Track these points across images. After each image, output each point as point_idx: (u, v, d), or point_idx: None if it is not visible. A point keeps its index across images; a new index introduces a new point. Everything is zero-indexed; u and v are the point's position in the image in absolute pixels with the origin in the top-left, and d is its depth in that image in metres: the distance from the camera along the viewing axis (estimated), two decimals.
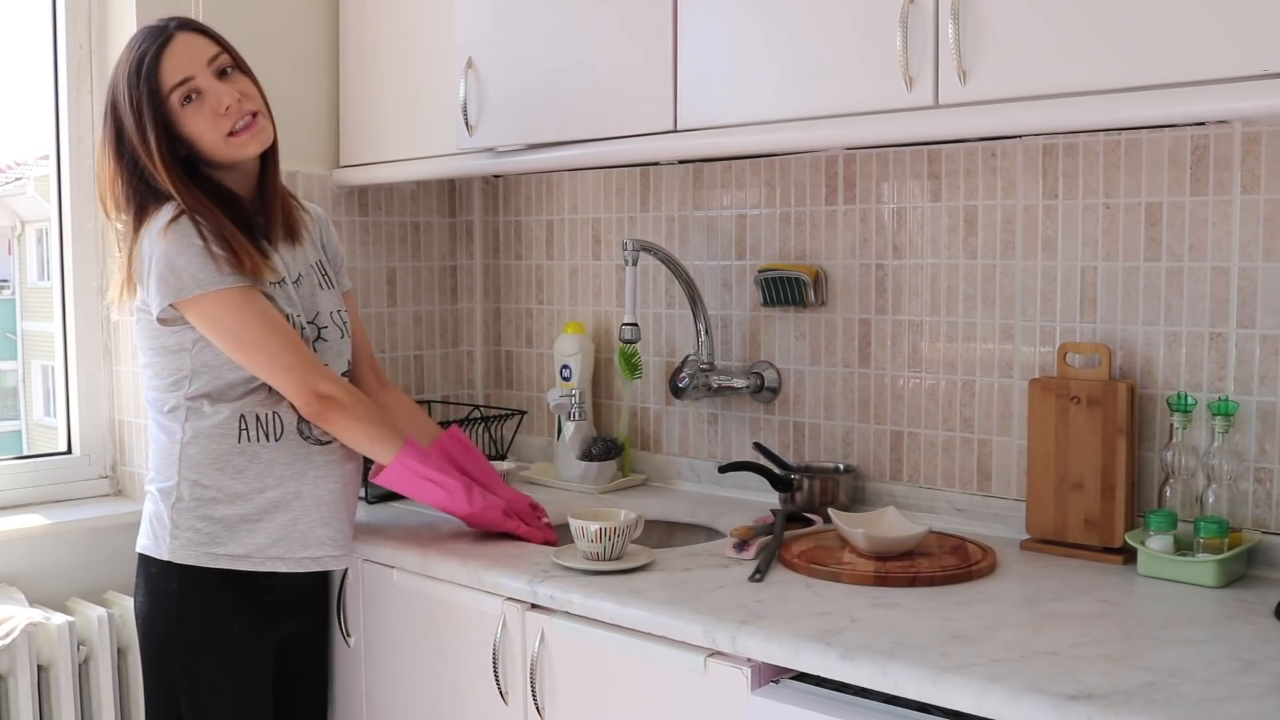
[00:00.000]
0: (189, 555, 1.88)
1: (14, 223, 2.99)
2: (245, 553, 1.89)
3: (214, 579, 1.89)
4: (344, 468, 1.98)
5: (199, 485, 1.88)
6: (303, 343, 1.90)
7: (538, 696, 1.85)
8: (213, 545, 1.88)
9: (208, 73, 1.87)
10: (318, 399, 1.85)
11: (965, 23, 1.68)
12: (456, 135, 2.36)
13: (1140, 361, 1.95)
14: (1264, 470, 1.84)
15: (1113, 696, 1.32)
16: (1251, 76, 1.46)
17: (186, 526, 1.88)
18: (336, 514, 1.97)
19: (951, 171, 2.14)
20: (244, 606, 1.93)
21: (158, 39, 1.86)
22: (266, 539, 1.90)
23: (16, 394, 2.84)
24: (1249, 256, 1.83)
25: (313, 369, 1.87)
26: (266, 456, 1.90)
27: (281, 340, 1.85)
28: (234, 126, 1.87)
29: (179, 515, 1.88)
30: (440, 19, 2.42)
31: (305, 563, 1.94)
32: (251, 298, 1.84)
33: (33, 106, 2.51)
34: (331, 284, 2.05)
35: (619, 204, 2.66)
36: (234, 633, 1.93)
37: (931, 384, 2.19)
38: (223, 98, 1.86)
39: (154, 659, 1.94)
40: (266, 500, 1.90)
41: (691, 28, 2.01)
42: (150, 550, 1.91)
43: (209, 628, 1.91)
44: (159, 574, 1.90)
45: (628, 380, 2.57)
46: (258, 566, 1.90)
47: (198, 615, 1.90)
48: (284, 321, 1.88)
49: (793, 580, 1.81)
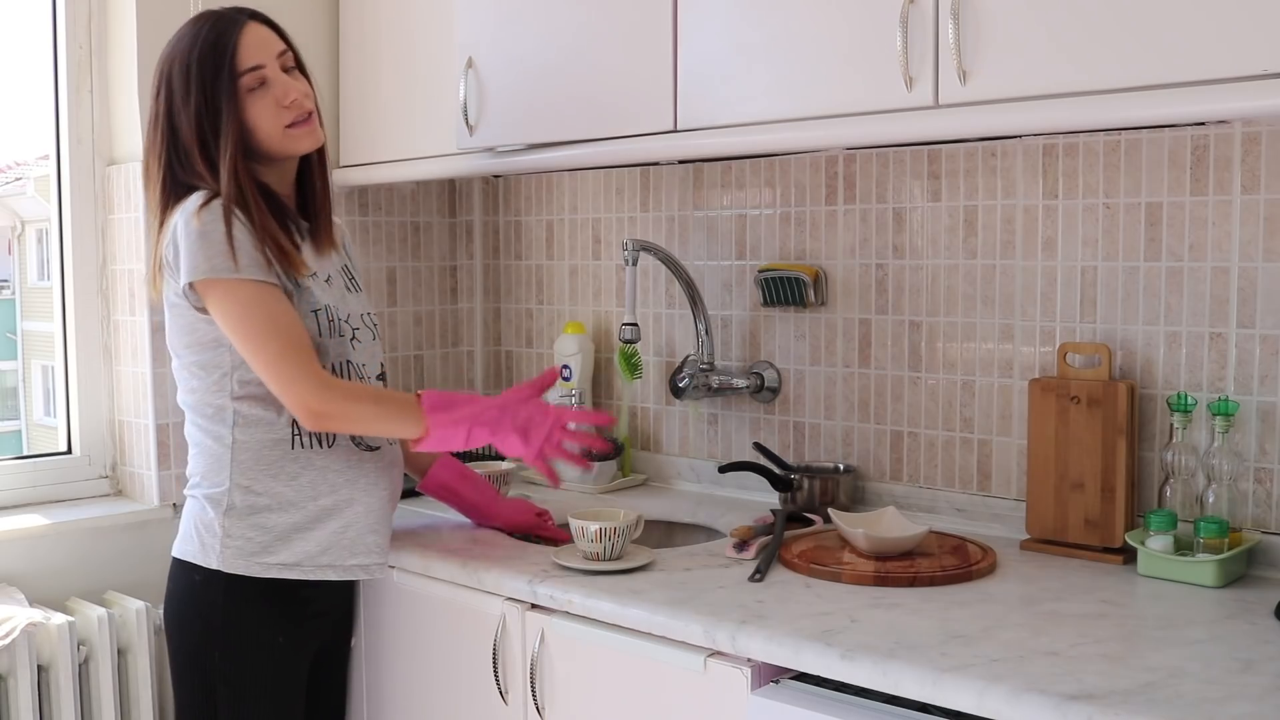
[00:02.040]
0: (240, 565, 1.83)
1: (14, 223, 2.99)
2: (296, 561, 1.85)
3: (262, 589, 1.85)
4: (392, 474, 1.96)
5: (252, 492, 1.84)
6: (305, 350, 1.81)
7: (538, 696, 1.85)
8: (265, 554, 1.84)
9: (275, 65, 1.87)
10: (311, 415, 1.79)
11: (965, 23, 1.68)
12: (456, 135, 2.36)
13: (1140, 361, 1.95)
14: (1264, 470, 1.84)
15: (1113, 696, 1.32)
16: (1251, 76, 1.47)
17: (239, 535, 1.83)
18: (384, 521, 1.94)
19: (951, 171, 2.14)
20: (288, 618, 1.89)
21: (234, 23, 1.86)
22: (317, 547, 1.86)
23: (16, 394, 2.84)
24: (1249, 256, 1.83)
25: (308, 380, 1.79)
26: (320, 463, 1.86)
27: (280, 345, 1.79)
28: (294, 119, 1.87)
29: (231, 523, 1.83)
30: (440, 19, 2.42)
31: (355, 570, 1.90)
32: (265, 295, 1.79)
33: (33, 106, 2.50)
34: (359, 288, 2.02)
35: (619, 204, 2.66)
36: (279, 645, 1.89)
37: (931, 384, 2.19)
38: (289, 90, 1.86)
39: (193, 668, 1.89)
40: (319, 507, 1.86)
41: (691, 27, 2.01)
42: (196, 558, 1.86)
43: (254, 638, 1.87)
44: (204, 582, 1.85)
45: (628, 380, 2.57)
46: (308, 575, 1.86)
47: (244, 626, 1.86)
48: (294, 326, 1.81)
49: (793, 580, 1.81)
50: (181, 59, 1.85)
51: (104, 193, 2.49)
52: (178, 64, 1.85)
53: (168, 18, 2.42)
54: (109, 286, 2.50)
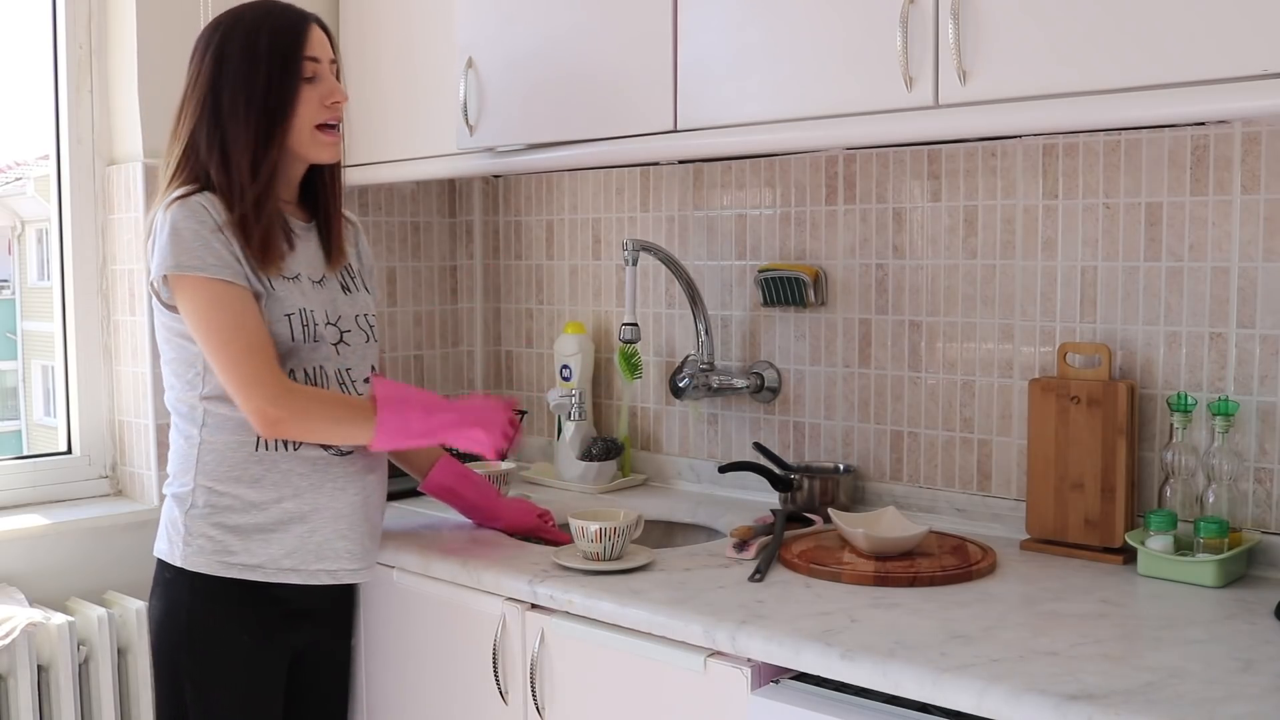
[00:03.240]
0: (202, 563, 1.84)
1: (14, 223, 2.99)
2: (258, 563, 1.85)
3: (227, 587, 1.85)
4: (365, 479, 1.93)
5: (214, 492, 1.85)
6: (266, 355, 1.80)
7: (538, 696, 1.85)
8: (226, 554, 1.84)
9: (328, 66, 1.90)
10: (266, 420, 1.78)
11: (965, 23, 1.68)
12: (457, 135, 2.36)
13: (1140, 361, 1.95)
14: (1264, 470, 1.84)
15: (1113, 696, 1.32)
16: (1251, 76, 1.46)
17: (200, 534, 1.84)
18: (356, 526, 1.92)
19: (951, 171, 2.14)
20: (255, 617, 1.89)
21: (303, 17, 1.88)
22: (281, 550, 1.86)
23: (16, 394, 2.84)
24: (1249, 256, 1.83)
25: (265, 386, 1.78)
26: (284, 466, 1.86)
27: (241, 348, 1.78)
28: (328, 120, 1.88)
29: (193, 522, 1.85)
30: (440, 19, 2.42)
31: (320, 575, 1.90)
32: (231, 296, 1.79)
33: (33, 106, 2.50)
34: (359, 288, 2.01)
35: (619, 204, 2.66)
36: (243, 644, 1.89)
37: (931, 384, 2.19)
38: (335, 91, 1.89)
39: (165, 666, 1.91)
40: (283, 511, 1.86)
41: (691, 27, 2.01)
42: (165, 556, 1.89)
43: (218, 638, 1.88)
44: (173, 580, 1.87)
45: (628, 380, 2.57)
46: (270, 577, 1.86)
47: (207, 625, 1.87)
48: (258, 331, 1.80)
49: (793, 580, 1.81)
50: (247, 33, 1.85)
51: (104, 193, 2.49)
52: (242, 35, 1.85)
53: (168, 18, 2.44)
54: (109, 286, 2.50)
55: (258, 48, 1.84)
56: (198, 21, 2.45)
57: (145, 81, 2.42)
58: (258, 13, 1.88)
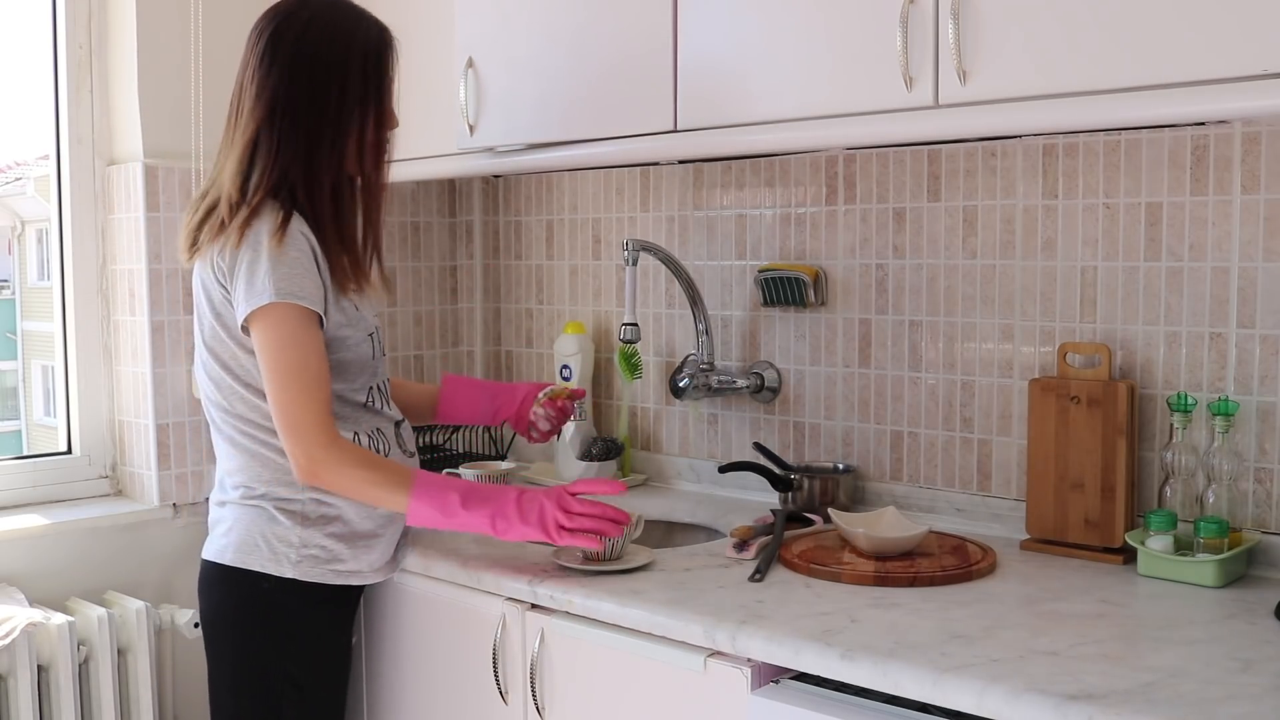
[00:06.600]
0: (316, 574, 1.85)
1: (14, 223, 2.99)
2: (360, 569, 1.91)
3: (333, 593, 1.90)
4: None
5: (323, 504, 1.85)
6: (324, 401, 1.77)
7: (538, 696, 1.85)
8: (337, 563, 1.87)
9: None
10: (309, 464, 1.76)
11: (965, 23, 1.68)
12: (456, 135, 2.36)
13: (1140, 361, 1.95)
14: (1264, 470, 1.84)
15: (1113, 696, 1.32)
16: (1251, 76, 1.46)
17: (315, 545, 1.85)
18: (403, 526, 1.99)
19: (951, 171, 2.14)
20: (347, 616, 1.99)
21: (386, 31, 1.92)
22: (380, 556, 1.94)
23: (16, 394, 2.84)
24: (1249, 256, 1.83)
25: (317, 434, 1.76)
26: None
27: (299, 389, 1.75)
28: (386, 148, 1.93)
29: (308, 533, 1.85)
30: (440, 19, 2.42)
31: (388, 572, 2.00)
32: (309, 335, 1.76)
33: (33, 106, 2.50)
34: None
35: (619, 204, 2.66)
36: (342, 645, 1.98)
37: (931, 384, 2.19)
38: (395, 120, 1.94)
39: (255, 673, 1.88)
40: (382, 515, 1.90)
41: (691, 27, 2.01)
42: (265, 568, 1.84)
43: (326, 642, 1.94)
44: (273, 590, 1.85)
45: (628, 380, 2.57)
46: (367, 580, 1.94)
47: (318, 630, 1.91)
48: (322, 375, 1.77)
49: (793, 580, 1.81)
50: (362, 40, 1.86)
51: (104, 193, 2.49)
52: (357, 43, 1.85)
53: (168, 18, 2.44)
54: (109, 286, 2.50)
55: (370, 70, 1.86)
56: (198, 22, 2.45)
57: (145, 81, 2.42)
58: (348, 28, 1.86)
